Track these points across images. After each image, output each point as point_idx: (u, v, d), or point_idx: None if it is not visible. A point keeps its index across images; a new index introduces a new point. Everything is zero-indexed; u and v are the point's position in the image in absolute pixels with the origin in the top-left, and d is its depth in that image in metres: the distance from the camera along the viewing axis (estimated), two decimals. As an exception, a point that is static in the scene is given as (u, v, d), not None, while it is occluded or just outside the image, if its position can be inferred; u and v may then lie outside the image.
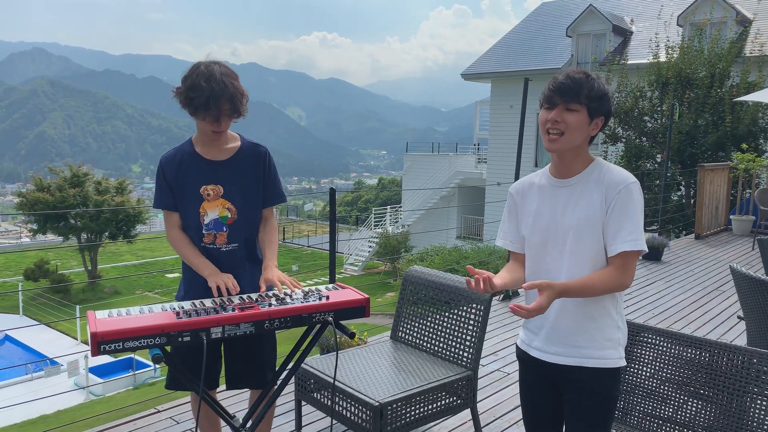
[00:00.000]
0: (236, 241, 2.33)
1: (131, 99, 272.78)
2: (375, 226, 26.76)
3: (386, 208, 28.43)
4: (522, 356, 1.97)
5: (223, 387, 3.53)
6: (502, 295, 5.84)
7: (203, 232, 2.30)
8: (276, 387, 2.27)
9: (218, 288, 2.17)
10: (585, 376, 1.80)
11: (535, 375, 1.93)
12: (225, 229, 2.31)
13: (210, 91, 2.11)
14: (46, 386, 14.27)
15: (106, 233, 24.19)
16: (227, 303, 2.05)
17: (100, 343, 1.72)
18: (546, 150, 1.80)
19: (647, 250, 1.76)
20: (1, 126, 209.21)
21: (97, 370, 14.68)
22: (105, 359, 14.65)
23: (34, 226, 24.58)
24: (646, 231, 9.39)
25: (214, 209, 2.29)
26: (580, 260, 1.78)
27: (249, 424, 2.23)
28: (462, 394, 2.73)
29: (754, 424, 2.05)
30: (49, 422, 10.74)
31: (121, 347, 1.76)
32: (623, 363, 1.82)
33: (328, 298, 2.11)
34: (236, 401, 3.51)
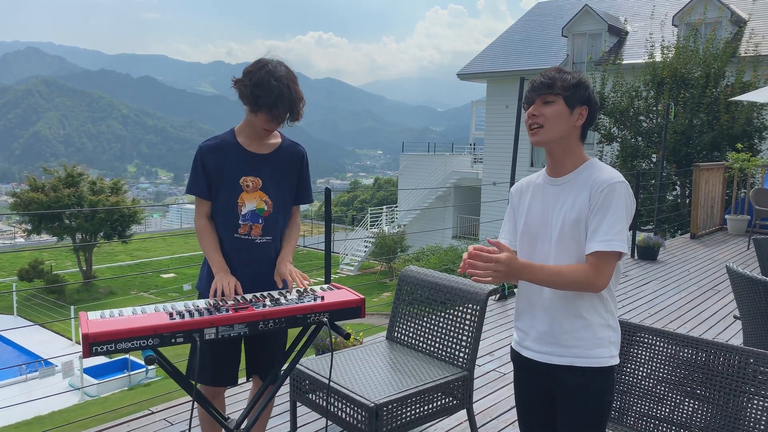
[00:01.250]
0: (270, 234, 2.36)
1: (126, 99, 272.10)
2: (371, 226, 26.76)
3: (382, 208, 28.45)
4: (515, 357, 1.97)
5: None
6: (498, 295, 5.84)
7: (239, 222, 2.33)
8: (271, 389, 2.25)
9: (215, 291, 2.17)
10: (576, 375, 1.79)
11: (528, 376, 1.93)
12: (261, 222, 2.34)
13: (279, 93, 2.15)
14: (41, 387, 14.22)
15: (101, 233, 24.10)
16: (221, 303, 2.03)
17: (92, 344, 1.71)
18: (532, 145, 1.82)
19: (625, 252, 1.71)
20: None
21: (91, 371, 14.63)
22: (100, 360, 14.60)
23: (29, 227, 24.46)
24: (641, 230, 9.40)
25: (252, 201, 2.33)
26: (564, 260, 1.78)
27: (244, 425, 2.21)
28: (458, 394, 2.71)
29: (751, 423, 2.04)
30: (44, 423, 10.70)
31: (113, 348, 1.74)
32: (615, 362, 1.81)
33: (323, 298, 2.10)
34: (237, 400, 3.50)
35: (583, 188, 1.77)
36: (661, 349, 2.29)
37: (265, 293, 2.17)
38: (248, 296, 2.14)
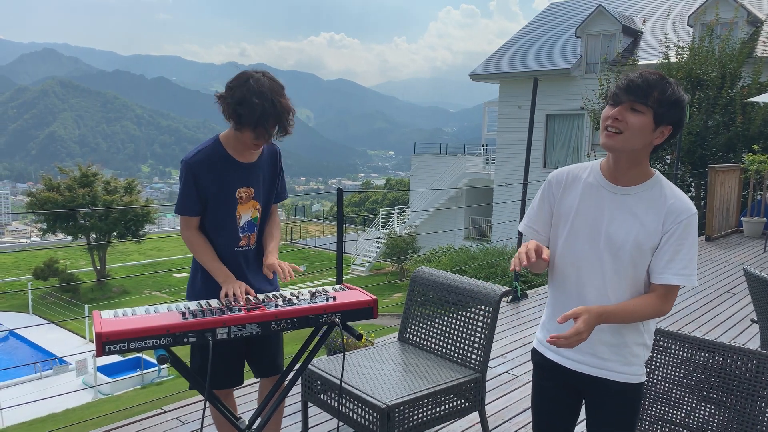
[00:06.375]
0: (258, 239, 2.37)
1: (141, 99, 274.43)
2: (382, 226, 26.76)
3: (394, 209, 28.43)
4: (539, 360, 1.92)
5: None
6: (510, 297, 5.80)
7: (240, 235, 2.28)
8: (282, 388, 2.25)
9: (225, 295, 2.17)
10: (610, 388, 1.77)
11: (553, 380, 1.89)
12: (255, 230, 2.32)
13: (262, 110, 2.03)
14: (55, 385, 14.36)
15: (115, 233, 24.32)
16: (233, 303, 2.04)
17: (105, 343, 1.71)
18: (601, 147, 1.69)
19: (696, 284, 1.70)
20: (12, 126, 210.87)
21: (105, 369, 14.75)
22: (113, 358, 14.73)
23: (44, 226, 24.76)
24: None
25: (247, 211, 2.29)
26: (620, 279, 1.71)
27: (256, 425, 2.21)
28: (470, 396, 2.70)
29: (769, 429, 2.01)
30: (58, 421, 10.80)
31: (126, 348, 1.74)
32: (644, 378, 1.81)
33: (335, 299, 2.09)
34: (250, 400, 3.50)
35: (651, 208, 1.67)
36: (676, 352, 2.26)
37: (277, 293, 2.17)
38: (260, 296, 2.14)
